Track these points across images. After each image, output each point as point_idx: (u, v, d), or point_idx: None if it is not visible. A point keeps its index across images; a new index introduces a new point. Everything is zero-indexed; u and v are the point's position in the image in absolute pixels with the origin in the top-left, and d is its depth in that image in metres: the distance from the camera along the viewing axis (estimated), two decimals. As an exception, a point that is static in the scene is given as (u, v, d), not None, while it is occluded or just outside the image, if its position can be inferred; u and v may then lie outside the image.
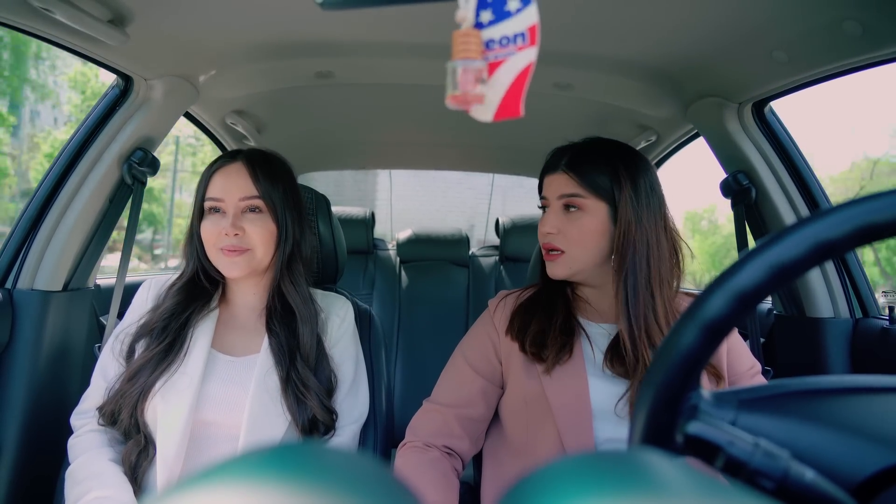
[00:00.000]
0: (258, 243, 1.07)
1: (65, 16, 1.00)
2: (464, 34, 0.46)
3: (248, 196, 1.07)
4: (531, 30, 0.45)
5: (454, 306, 2.35)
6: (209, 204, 1.08)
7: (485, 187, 10.39)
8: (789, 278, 0.40)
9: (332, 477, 0.23)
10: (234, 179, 1.08)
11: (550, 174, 1.07)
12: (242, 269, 1.07)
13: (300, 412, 1.04)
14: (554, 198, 1.05)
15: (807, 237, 0.39)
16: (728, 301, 0.40)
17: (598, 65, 1.37)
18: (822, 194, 1.46)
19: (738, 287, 0.40)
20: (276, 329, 1.09)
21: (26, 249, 1.34)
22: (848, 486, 0.39)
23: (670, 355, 0.42)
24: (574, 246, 1.03)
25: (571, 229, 1.03)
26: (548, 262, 1.06)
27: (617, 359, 1.00)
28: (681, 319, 0.42)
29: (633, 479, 0.24)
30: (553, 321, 1.05)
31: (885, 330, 1.35)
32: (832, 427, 0.42)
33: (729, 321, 0.41)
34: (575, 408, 0.99)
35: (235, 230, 1.05)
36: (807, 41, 1.08)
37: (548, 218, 1.05)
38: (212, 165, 1.12)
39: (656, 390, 0.42)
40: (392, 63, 1.42)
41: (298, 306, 1.11)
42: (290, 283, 1.11)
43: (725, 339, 0.42)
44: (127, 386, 1.02)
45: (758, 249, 0.41)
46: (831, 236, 0.39)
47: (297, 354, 1.07)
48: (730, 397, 0.44)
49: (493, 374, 1.09)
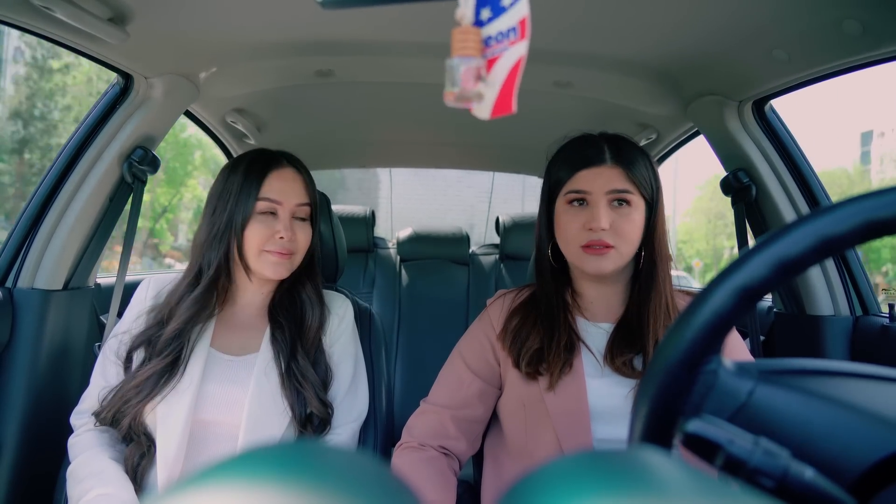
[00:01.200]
0: (302, 248, 1.11)
1: (65, 14, 1.00)
2: (463, 31, 0.46)
3: (303, 202, 1.11)
4: (522, 23, 0.45)
5: (454, 305, 2.35)
6: (264, 206, 1.06)
7: (485, 185, 10.39)
8: (792, 274, 0.40)
9: (331, 476, 0.23)
10: (292, 184, 1.10)
11: (595, 167, 1.01)
12: (287, 271, 1.10)
13: (299, 404, 1.04)
14: (602, 192, 0.99)
15: (811, 232, 0.40)
16: (768, 267, 0.41)
17: (598, 63, 1.37)
18: (823, 192, 1.46)
19: (780, 254, 0.41)
20: (281, 320, 1.10)
21: (26, 248, 1.34)
22: (854, 471, 0.39)
23: (695, 322, 0.42)
24: (624, 242, 1.00)
25: (623, 224, 0.99)
26: (595, 257, 0.99)
27: (619, 357, 1.00)
28: (712, 282, 0.43)
29: (633, 478, 0.24)
30: (554, 337, 1.02)
31: (886, 328, 1.35)
32: (846, 407, 0.42)
33: (764, 287, 0.41)
34: (573, 411, 0.98)
35: (291, 233, 1.07)
36: (807, 40, 1.08)
37: (601, 213, 0.98)
38: (259, 167, 1.08)
39: (676, 352, 0.42)
40: (392, 61, 1.41)
41: (311, 298, 1.15)
42: (307, 280, 1.16)
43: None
44: (131, 394, 1.01)
45: (761, 245, 0.41)
46: (835, 232, 0.39)
47: (299, 345, 1.08)
48: (751, 368, 0.45)
49: (490, 375, 1.08)
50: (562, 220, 1.03)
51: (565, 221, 1.02)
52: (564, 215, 1.03)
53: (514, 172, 2.86)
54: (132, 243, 1.52)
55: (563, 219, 1.03)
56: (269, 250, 1.06)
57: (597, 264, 0.99)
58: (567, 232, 1.02)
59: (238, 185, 1.07)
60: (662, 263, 1.03)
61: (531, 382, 1.01)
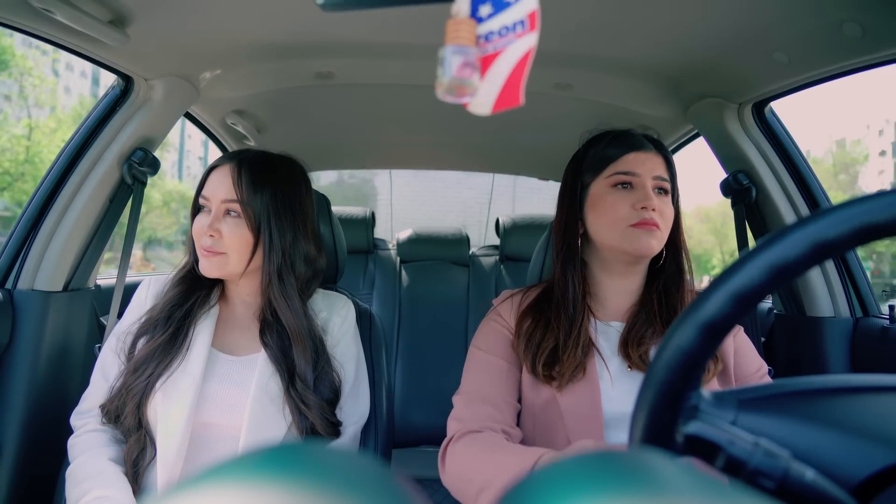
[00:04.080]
0: (232, 249, 1.05)
1: (65, 16, 1.00)
2: (456, 21, 0.46)
3: (228, 199, 1.05)
4: (531, 16, 0.45)
5: (455, 306, 2.34)
6: (200, 201, 1.09)
7: (485, 187, 10.39)
8: (788, 278, 0.40)
9: (332, 478, 0.23)
10: (221, 180, 1.07)
11: (642, 151, 1.04)
12: (217, 270, 1.06)
13: (301, 421, 1.04)
14: (650, 177, 1.02)
15: (806, 237, 0.40)
16: (726, 301, 0.40)
17: (598, 65, 1.37)
18: (823, 194, 1.46)
19: (737, 287, 0.40)
20: (269, 342, 1.08)
21: (26, 250, 1.34)
22: (848, 485, 0.39)
23: (670, 354, 0.42)
24: (666, 226, 1.03)
25: (666, 210, 1.03)
26: (646, 232, 1.00)
27: (634, 350, 1.00)
28: (680, 319, 0.42)
29: (634, 478, 0.24)
30: (571, 336, 1.01)
31: (886, 329, 1.35)
32: (832, 427, 0.42)
33: (728, 321, 0.41)
34: (587, 416, 0.97)
35: (211, 231, 1.04)
36: (807, 42, 1.08)
37: (651, 194, 1.01)
38: (211, 164, 1.13)
39: (657, 389, 0.42)
40: (392, 63, 1.42)
41: (289, 323, 1.07)
42: (280, 296, 1.07)
43: (732, 339, 0.42)
44: (132, 378, 1.01)
45: (757, 250, 0.41)
46: (830, 236, 0.39)
47: (295, 375, 1.05)
48: (730, 397, 0.44)
49: (513, 356, 1.05)
50: (607, 200, 1.03)
51: (612, 202, 1.02)
52: (610, 196, 1.03)
53: (513, 174, 2.86)
54: (132, 244, 1.52)
55: (608, 199, 1.03)
56: (201, 246, 1.06)
57: (647, 241, 1.00)
58: (616, 211, 1.02)
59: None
60: (685, 252, 1.08)
61: (544, 385, 1.00)
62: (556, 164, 2.29)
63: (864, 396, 0.45)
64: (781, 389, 0.45)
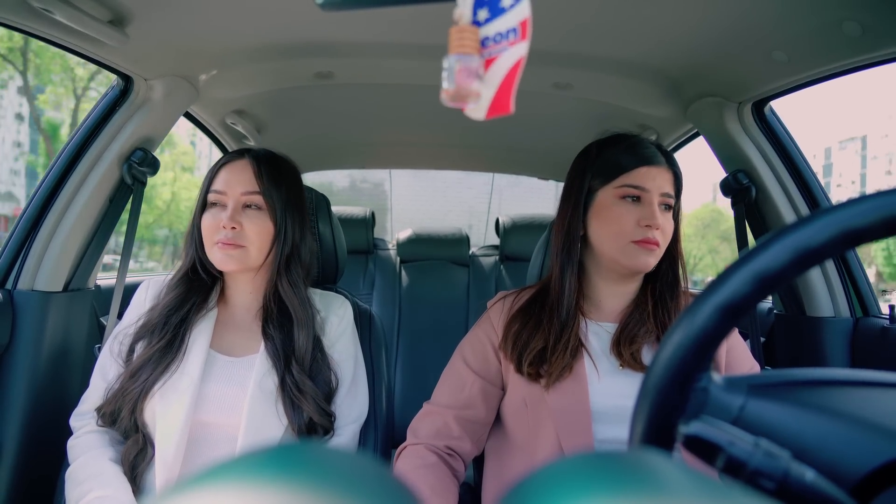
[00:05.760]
0: (254, 240, 1.07)
1: (65, 16, 1.00)
2: (460, 30, 0.46)
3: (249, 191, 1.07)
4: (523, 24, 0.45)
5: (454, 306, 2.34)
6: (212, 197, 1.09)
7: (484, 187, 10.38)
8: (812, 263, 0.40)
9: (331, 477, 0.23)
10: (238, 174, 1.08)
11: (653, 166, 1.03)
12: (236, 264, 1.06)
13: (296, 416, 1.03)
14: (658, 193, 1.03)
15: (788, 246, 0.40)
16: (747, 282, 0.41)
17: (597, 65, 1.37)
18: (823, 193, 1.46)
19: (759, 269, 0.41)
20: (271, 333, 1.08)
21: (26, 250, 1.34)
22: (850, 480, 0.39)
23: (684, 335, 0.42)
24: (665, 243, 1.04)
25: (667, 226, 1.04)
26: (646, 251, 1.01)
27: (626, 349, 1.01)
28: (696, 300, 0.42)
29: (634, 479, 0.24)
30: (561, 339, 1.02)
31: (886, 329, 1.35)
32: (840, 418, 0.42)
33: (747, 302, 0.41)
34: (574, 411, 0.98)
35: (233, 223, 1.05)
36: (806, 41, 1.08)
37: (657, 212, 1.02)
38: (219, 161, 1.13)
39: (665, 372, 0.42)
40: (392, 63, 1.42)
41: (296, 309, 1.10)
42: (287, 284, 1.10)
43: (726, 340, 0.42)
44: (129, 384, 1.01)
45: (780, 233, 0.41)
46: (812, 244, 0.39)
47: (293, 359, 1.06)
48: (740, 382, 0.44)
49: (493, 375, 1.08)
50: (613, 211, 1.03)
51: (618, 214, 1.02)
52: (616, 208, 1.03)
53: (513, 174, 2.86)
54: (132, 244, 1.52)
55: (614, 211, 1.03)
56: (217, 241, 1.06)
57: (646, 259, 1.01)
58: (620, 225, 1.01)
59: (203, 183, 1.13)
60: (682, 262, 1.09)
61: (533, 382, 1.02)
62: (556, 164, 2.29)
63: (874, 391, 0.45)
64: (792, 378, 0.45)
